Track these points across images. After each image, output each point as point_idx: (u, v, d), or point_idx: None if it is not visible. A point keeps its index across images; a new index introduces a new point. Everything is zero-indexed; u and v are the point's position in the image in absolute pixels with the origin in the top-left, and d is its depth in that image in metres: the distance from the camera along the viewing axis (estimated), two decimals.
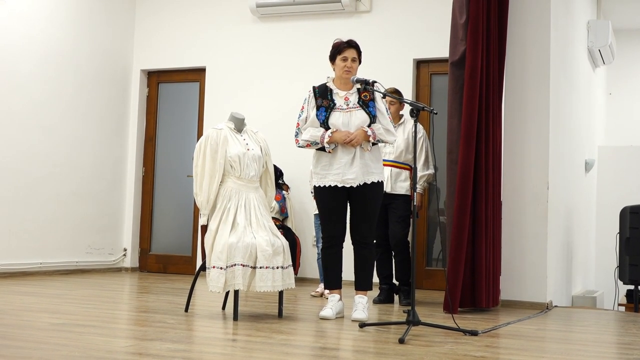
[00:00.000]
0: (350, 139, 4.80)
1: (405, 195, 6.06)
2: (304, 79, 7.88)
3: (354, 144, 4.82)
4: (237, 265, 4.57)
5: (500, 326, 4.76)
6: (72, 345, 3.55)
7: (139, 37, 8.91)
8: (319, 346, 3.90)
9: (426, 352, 3.66)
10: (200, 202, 4.85)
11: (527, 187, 6.02)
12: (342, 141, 4.81)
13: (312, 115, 4.91)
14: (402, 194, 6.06)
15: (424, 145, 6.17)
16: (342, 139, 4.81)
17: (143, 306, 5.64)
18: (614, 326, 5.35)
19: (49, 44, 7.83)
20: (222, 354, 3.56)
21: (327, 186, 4.90)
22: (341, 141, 4.82)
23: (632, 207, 6.84)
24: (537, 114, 6.05)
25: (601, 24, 8.78)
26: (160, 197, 8.88)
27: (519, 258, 5.98)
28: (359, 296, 4.94)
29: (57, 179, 7.91)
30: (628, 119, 10.70)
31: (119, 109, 8.75)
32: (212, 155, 4.85)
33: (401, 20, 7.79)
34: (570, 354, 3.90)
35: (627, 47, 10.51)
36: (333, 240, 4.98)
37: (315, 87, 5.01)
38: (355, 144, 4.82)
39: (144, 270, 8.79)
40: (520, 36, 6.10)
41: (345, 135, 4.81)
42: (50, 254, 7.80)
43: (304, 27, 8.16)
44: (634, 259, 6.73)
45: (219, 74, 8.51)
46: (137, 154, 8.85)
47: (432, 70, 7.75)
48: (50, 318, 4.52)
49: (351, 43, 4.95)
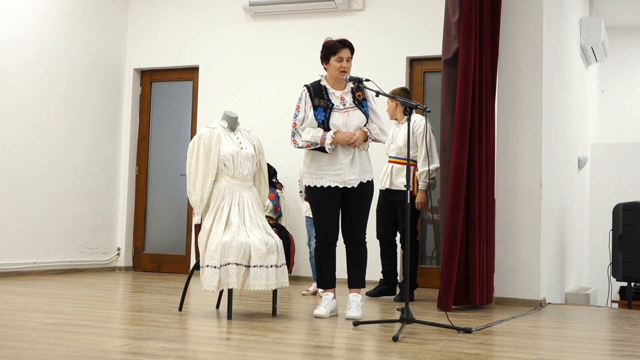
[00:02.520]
0: (354, 140, 4.81)
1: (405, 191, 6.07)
2: (297, 77, 7.86)
3: (356, 144, 4.83)
4: (231, 264, 4.57)
5: (493, 323, 4.77)
6: (65, 345, 3.54)
7: (132, 35, 8.89)
8: (313, 344, 3.90)
9: (420, 350, 3.66)
10: (193, 201, 4.85)
11: (520, 185, 6.03)
12: (346, 142, 4.82)
13: (310, 116, 4.89)
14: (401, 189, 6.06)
15: (424, 140, 6.05)
16: (346, 140, 4.82)
17: (137, 305, 5.63)
18: (607, 323, 5.36)
19: (41, 43, 7.80)
20: (216, 353, 3.56)
21: (324, 187, 4.90)
22: (345, 142, 4.82)
23: (625, 204, 6.86)
24: (530, 111, 6.06)
25: (594, 22, 8.79)
26: (153, 196, 8.86)
27: (513, 255, 5.99)
28: (353, 294, 4.94)
29: (50, 178, 7.89)
30: (621, 117, 10.72)
31: (112, 108, 8.73)
32: (205, 154, 4.85)
33: (394, 18, 7.79)
34: (563, 351, 3.91)
35: (620, 44, 10.53)
36: (328, 239, 4.97)
37: (308, 86, 4.98)
38: (358, 144, 4.84)
39: (137, 269, 8.78)
40: (513, 34, 6.10)
41: (349, 137, 4.82)
42: (43, 254, 7.78)
43: (297, 26, 8.16)
44: (627, 256, 6.75)
45: (212, 73, 8.50)
46: (130, 153, 8.83)
47: (425, 68, 7.75)
48: (44, 318, 4.51)
49: (345, 43, 4.94)
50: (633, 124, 10.53)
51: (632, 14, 10.22)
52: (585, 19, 8.78)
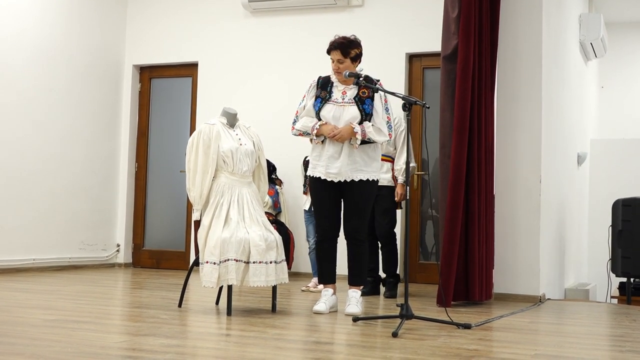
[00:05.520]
0: (334, 133, 4.82)
1: (389, 186, 6.11)
2: (296, 73, 7.89)
3: (338, 139, 4.83)
4: (231, 260, 4.57)
5: (493, 319, 4.77)
6: (65, 342, 3.54)
7: (131, 32, 8.88)
8: (313, 340, 3.90)
9: (419, 346, 3.67)
10: (193, 198, 4.85)
11: (519, 181, 6.03)
12: (327, 135, 4.85)
13: (309, 105, 4.99)
14: (384, 185, 6.06)
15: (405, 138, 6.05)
16: (327, 133, 4.85)
17: (136, 302, 5.63)
18: (606, 318, 5.37)
19: (40, 39, 7.79)
20: (216, 349, 3.56)
21: (317, 178, 4.95)
22: (326, 134, 4.86)
23: (625, 200, 6.86)
24: (530, 107, 6.06)
25: (593, 17, 8.79)
26: (153, 192, 8.86)
27: (512, 251, 6.00)
28: (353, 290, 4.95)
29: (49, 174, 7.88)
30: (620, 112, 10.71)
31: (111, 104, 8.72)
32: (204, 150, 4.84)
33: (393, 14, 7.78)
34: (563, 347, 3.91)
35: (619, 40, 10.51)
36: (326, 233, 4.99)
37: (320, 77, 5.06)
38: (340, 139, 4.84)
39: (137, 265, 8.78)
40: (512, 30, 6.10)
41: (331, 130, 4.84)
42: (42, 250, 7.78)
43: (296, 22, 8.15)
44: (626, 252, 6.75)
45: (212, 69, 8.49)
46: (129, 149, 8.82)
47: (425, 65, 7.75)
48: (43, 314, 4.51)
49: (333, 45, 4.93)
50: (632, 120, 10.53)
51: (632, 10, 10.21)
52: (584, 15, 8.78)
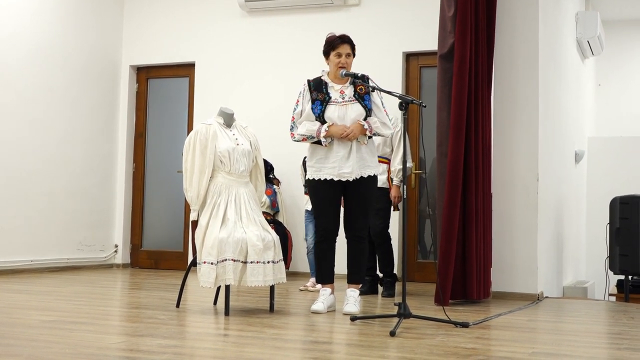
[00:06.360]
0: (347, 133, 4.80)
1: (383, 188, 6.08)
2: (294, 73, 7.88)
3: (350, 137, 4.82)
4: (228, 260, 4.57)
5: (491, 318, 4.78)
6: (63, 343, 3.54)
7: (128, 32, 8.88)
8: (311, 340, 3.90)
9: (417, 345, 3.67)
10: (190, 198, 4.85)
11: (517, 179, 6.03)
12: (339, 135, 4.81)
13: (307, 109, 4.92)
14: (379, 186, 6.05)
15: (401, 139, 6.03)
16: (339, 133, 4.81)
17: (134, 302, 5.63)
18: (604, 316, 5.37)
19: (37, 39, 7.78)
20: (214, 349, 3.56)
21: (322, 180, 4.90)
22: (338, 135, 4.82)
23: (622, 198, 6.86)
24: (527, 105, 6.06)
25: (590, 15, 8.79)
26: (150, 193, 8.86)
27: (510, 249, 6.00)
28: (351, 289, 4.95)
29: (47, 175, 7.88)
30: (617, 110, 10.72)
31: (109, 104, 8.72)
32: (201, 150, 4.84)
33: (390, 13, 7.78)
34: (561, 345, 3.91)
35: (616, 38, 10.52)
36: (327, 234, 4.98)
37: (309, 80, 5.01)
38: (352, 137, 4.82)
39: (135, 266, 8.78)
40: (509, 28, 6.10)
41: (342, 130, 4.81)
42: (40, 251, 7.77)
43: (292, 21, 8.15)
44: (624, 249, 6.75)
45: (208, 69, 8.49)
46: (127, 149, 8.82)
47: (422, 63, 7.75)
48: (41, 315, 4.50)
49: (344, 39, 4.95)
50: (630, 118, 10.53)
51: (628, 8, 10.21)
52: (581, 13, 8.78)
